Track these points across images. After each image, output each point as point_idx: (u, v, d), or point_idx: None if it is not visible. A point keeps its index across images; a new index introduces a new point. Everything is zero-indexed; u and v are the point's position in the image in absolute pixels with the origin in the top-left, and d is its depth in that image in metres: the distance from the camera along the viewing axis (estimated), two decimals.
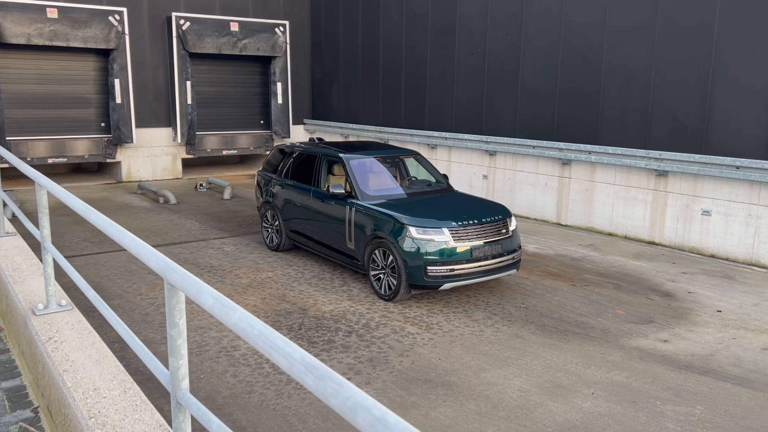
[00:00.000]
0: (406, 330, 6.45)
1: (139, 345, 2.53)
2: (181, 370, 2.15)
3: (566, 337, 6.31)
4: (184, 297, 2.05)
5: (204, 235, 10.61)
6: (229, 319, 1.70)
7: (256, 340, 1.56)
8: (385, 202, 7.66)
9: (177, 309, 2.04)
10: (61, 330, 3.69)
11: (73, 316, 3.89)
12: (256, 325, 1.58)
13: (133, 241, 2.34)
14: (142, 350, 2.50)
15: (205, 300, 1.76)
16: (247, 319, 1.63)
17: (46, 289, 3.88)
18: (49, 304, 3.98)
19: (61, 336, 3.61)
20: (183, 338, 2.15)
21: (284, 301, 7.30)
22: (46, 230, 3.81)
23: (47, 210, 3.85)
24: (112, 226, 2.52)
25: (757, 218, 8.86)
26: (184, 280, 1.83)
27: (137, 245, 2.30)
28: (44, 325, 3.75)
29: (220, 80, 17.26)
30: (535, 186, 11.98)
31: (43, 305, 4.01)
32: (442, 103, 13.86)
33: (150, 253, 2.19)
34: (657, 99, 9.89)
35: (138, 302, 7.23)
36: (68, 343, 3.50)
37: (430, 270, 6.91)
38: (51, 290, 3.90)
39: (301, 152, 9.12)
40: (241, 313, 1.68)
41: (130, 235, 2.43)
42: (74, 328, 3.70)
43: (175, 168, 16.77)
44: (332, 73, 17.64)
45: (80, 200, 2.98)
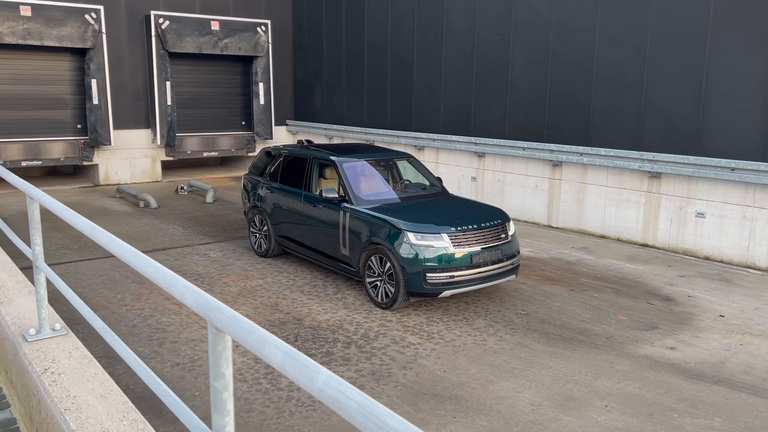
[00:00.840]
0: (407, 340, 6.22)
1: (176, 401, 2.23)
2: (227, 429, 1.86)
3: (572, 345, 6.14)
4: (231, 341, 1.77)
5: (188, 240, 10.27)
6: (311, 383, 1.34)
7: (354, 414, 1.22)
8: (380, 206, 7.42)
9: (223, 357, 1.75)
10: (57, 359, 3.36)
11: (70, 342, 3.55)
12: (353, 395, 1.25)
13: (162, 273, 2.05)
14: (178, 406, 2.20)
15: (272, 353, 1.43)
16: (337, 385, 1.28)
17: (39, 313, 3.53)
18: (41, 328, 3.63)
19: (58, 366, 3.28)
20: (229, 391, 1.84)
21: (277, 311, 7.03)
22: (38, 247, 3.49)
23: (39, 225, 3.52)
24: (131, 252, 2.23)
25: (752, 220, 8.80)
26: (237, 324, 1.55)
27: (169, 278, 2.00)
28: (38, 354, 3.41)
29: (201, 80, 16.87)
30: (525, 188, 11.84)
31: (35, 330, 3.66)
32: (430, 104, 13.67)
33: (186, 288, 1.91)
34: (650, 100, 9.80)
35: (123, 314, 6.90)
36: (67, 375, 3.17)
37: (429, 277, 6.69)
38: (44, 313, 3.55)
39: (290, 155, 8.84)
40: (327, 377, 1.33)
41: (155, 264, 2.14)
42: (72, 356, 3.37)
43: (155, 170, 16.34)
44: (315, 73, 17.36)
45: (84, 218, 2.68)
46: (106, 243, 2.43)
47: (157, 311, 6.98)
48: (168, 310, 7.01)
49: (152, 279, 2.14)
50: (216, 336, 1.76)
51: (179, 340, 6.19)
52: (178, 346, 6.05)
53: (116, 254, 2.40)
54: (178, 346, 6.06)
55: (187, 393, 5.16)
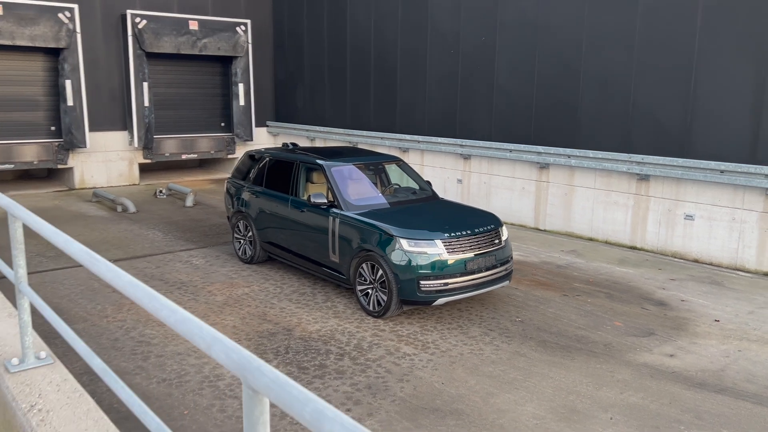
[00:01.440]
0: (402, 350, 6.04)
1: None
2: None
3: (570, 353, 6.01)
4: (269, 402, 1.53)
5: (169, 246, 9.97)
6: None
7: None
8: (371, 211, 7.23)
9: (261, 422, 1.49)
10: (44, 393, 3.06)
11: (57, 373, 3.25)
12: None
13: (181, 318, 1.79)
14: None
15: None
16: None
17: (22, 341, 3.22)
18: (25, 357, 3.31)
19: (46, 403, 2.97)
20: None
21: (265, 321, 6.80)
22: (22, 270, 3.20)
23: (23, 246, 3.24)
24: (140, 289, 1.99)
25: (741, 222, 8.78)
26: (282, 389, 1.31)
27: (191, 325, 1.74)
28: (23, 387, 3.10)
29: (179, 81, 16.51)
30: (511, 190, 11.73)
31: (19, 359, 3.34)
32: (414, 105, 13.50)
33: (214, 340, 1.67)
34: (638, 102, 9.74)
35: (105, 326, 6.61)
36: (57, 413, 2.88)
37: (423, 284, 6.52)
38: (28, 341, 3.24)
39: (276, 159, 8.61)
40: None
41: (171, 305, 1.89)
42: (61, 389, 3.08)
43: (132, 173, 15.94)
44: (296, 73, 17.09)
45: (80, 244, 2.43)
46: (110, 277, 2.19)
47: (140, 323, 6.70)
48: (151, 321, 6.74)
49: (170, 324, 1.90)
50: (253, 398, 1.52)
51: (165, 354, 5.93)
52: (163, 361, 5.79)
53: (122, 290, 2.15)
54: (163, 360, 5.81)
55: (175, 411, 4.91)
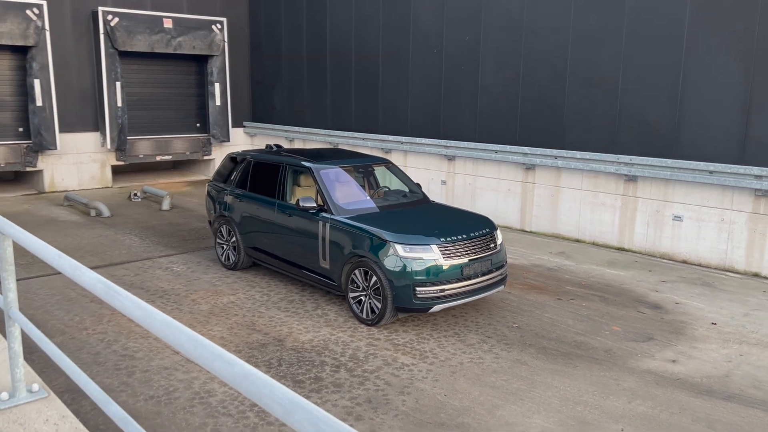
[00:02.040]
0: (400, 361, 5.83)
1: None
2: None
3: (571, 360, 5.87)
4: None
5: (148, 252, 9.60)
6: None
7: None
8: (362, 215, 7.00)
9: None
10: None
11: (53, 408, 2.90)
12: None
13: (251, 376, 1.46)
14: None
15: None
16: None
17: (12, 373, 2.87)
18: (16, 391, 2.96)
19: None
20: None
21: (255, 331, 6.53)
22: (12, 294, 2.86)
23: (13, 267, 2.90)
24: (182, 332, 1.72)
25: (730, 223, 8.77)
26: None
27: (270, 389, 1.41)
28: (15, 427, 2.73)
29: (153, 81, 16.05)
30: (497, 192, 11.61)
31: (8, 394, 2.98)
32: (397, 105, 13.30)
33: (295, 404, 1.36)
34: (625, 102, 9.68)
35: (84, 339, 6.27)
36: None
37: (419, 291, 6.31)
38: (18, 373, 2.89)
39: (260, 161, 8.32)
40: None
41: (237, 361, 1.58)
42: (59, 428, 2.75)
43: (104, 176, 15.44)
44: (274, 72, 16.76)
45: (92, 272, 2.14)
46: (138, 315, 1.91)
47: (122, 335, 6.37)
48: (134, 333, 6.42)
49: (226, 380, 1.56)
50: None
51: (150, 369, 5.63)
52: (149, 376, 5.49)
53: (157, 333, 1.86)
54: (149, 375, 5.50)
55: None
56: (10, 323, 2.83)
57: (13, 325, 2.81)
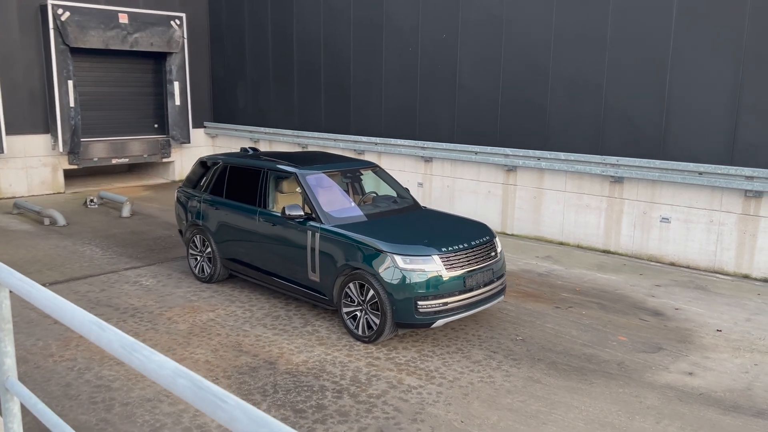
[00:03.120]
0: (405, 382, 5.40)
1: None
2: None
3: (586, 376, 5.55)
4: None
5: (112, 265, 8.90)
6: None
7: None
8: (354, 224, 6.54)
9: None
10: None
11: None
12: None
13: None
14: None
15: None
16: None
17: None
18: None
19: None
20: None
21: (242, 353, 5.99)
22: (10, 360, 2.21)
23: (11, 326, 2.27)
24: None
25: (719, 225, 8.66)
26: None
27: None
28: None
29: (108, 79, 15.16)
30: (476, 194, 11.29)
31: None
32: (370, 105, 12.85)
33: None
34: (610, 102, 9.48)
35: (51, 367, 5.63)
36: None
37: (420, 305, 5.90)
38: None
39: (238, 166, 7.75)
40: None
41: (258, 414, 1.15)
42: None
43: (56, 181, 14.49)
44: (237, 70, 16.07)
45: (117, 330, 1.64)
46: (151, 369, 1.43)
47: (94, 362, 5.75)
48: (107, 359, 5.80)
49: None
50: None
51: (131, 402, 5.05)
52: (131, 410, 4.91)
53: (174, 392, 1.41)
54: (131, 409, 4.92)
55: None
56: (8, 397, 2.21)
57: (11, 399, 2.19)
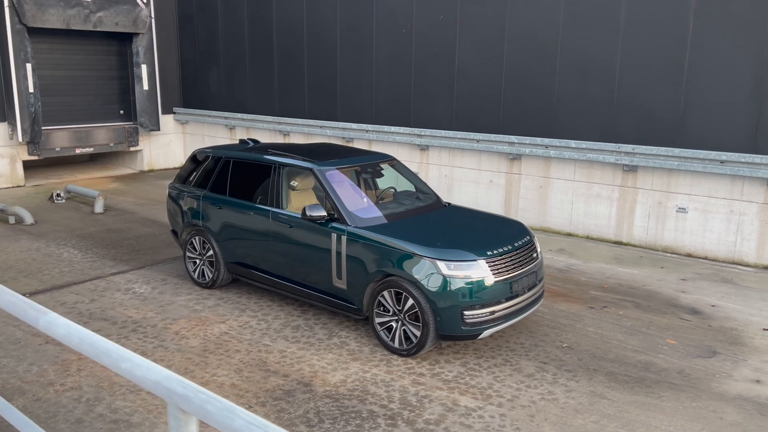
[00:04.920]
0: (462, 404, 4.89)
1: None
2: None
3: (651, 389, 5.15)
4: None
5: (95, 269, 8.09)
6: None
7: None
8: (384, 226, 5.96)
9: None
10: None
11: None
12: None
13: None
14: None
15: None
16: None
17: None
18: None
19: None
20: None
21: (270, 372, 5.37)
22: None
23: None
24: None
25: (739, 215, 8.41)
26: None
27: None
28: None
29: (70, 62, 14.02)
30: (477, 184, 10.82)
31: None
32: (359, 90, 12.18)
33: None
34: (623, 87, 9.09)
35: (54, 399, 4.90)
36: None
37: (467, 316, 5.38)
38: None
39: (242, 160, 7.04)
40: None
41: None
42: None
43: (15, 173, 13.36)
44: (210, 52, 15.10)
45: None
46: None
47: (104, 390, 5.05)
48: (117, 385, 5.11)
49: None
50: None
51: None
52: None
53: None
54: None
55: None
56: None
57: None
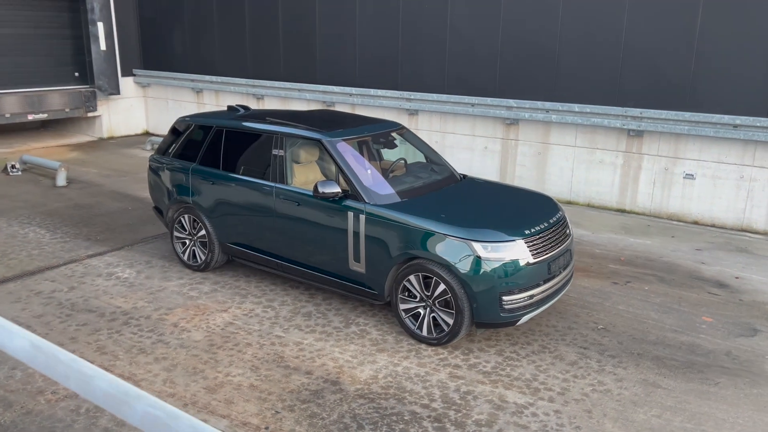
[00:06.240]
0: (510, 400, 4.46)
1: None
2: None
3: (703, 374, 4.82)
4: None
5: (69, 252, 7.31)
6: None
7: None
8: (407, 203, 5.40)
9: None
10: None
11: None
12: None
13: None
14: None
15: None
16: None
17: None
18: None
19: None
20: None
21: (290, 369, 4.82)
22: None
23: None
24: None
25: (750, 180, 8.16)
26: None
27: None
28: None
29: (16, 19, 12.75)
30: (471, 150, 10.31)
31: None
32: (341, 51, 11.41)
33: None
34: (630, 47, 8.65)
35: (47, 411, 4.25)
36: None
37: (506, 301, 4.92)
38: None
39: (237, 130, 6.33)
40: None
41: None
42: None
43: None
44: (173, 8, 13.97)
45: None
46: None
47: None
48: None
49: None
50: None
51: None
52: None
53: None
54: None
55: None
56: None
57: None
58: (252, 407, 4.31)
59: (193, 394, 4.47)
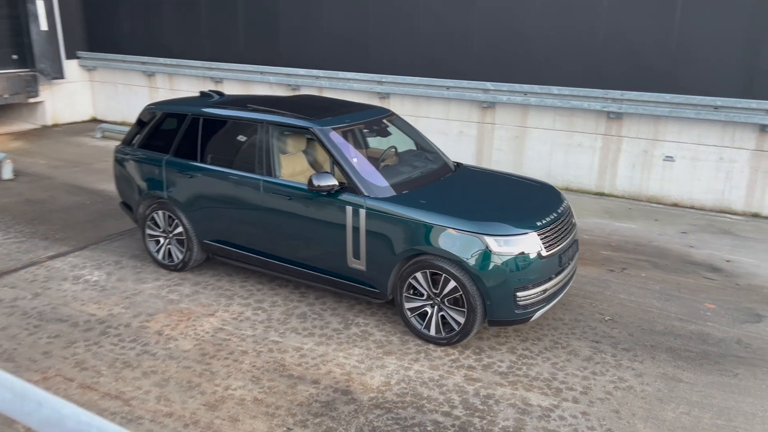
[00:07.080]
0: (534, 403, 4.24)
1: None
2: None
3: (720, 365, 4.72)
4: None
5: (26, 252, 6.69)
6: None
7: None
8: (408, 196, 5.08)
9: None
10: None
11: None
12: None
13: None
14: None
15: None
16: None
17: None
18: None
19: None
20: None
21: (294, 379, 4.46)
22: None
23: None
24: None
25: (729, 162, 8.18)
26: None
27: None
28: None
29: None
30: (446, 135, 10.03)
31: None
32: (306, 31, 10.90)
33: None
34: (610, 28, 8.51)
35: None
36: None
37: (520, 297, 4.68)
38: None
39: (217, 118, 5.85)
40: None
41: None
42: None
43: None
44: None
45: None
46: None
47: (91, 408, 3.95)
48: (107, 396, 4.03)
49: None
50: None
51: None
52: None
53: None
54: None
55: None
56: None
57: None
58: (261, 425, 3.94)
59: (192, 412, 4.06)
